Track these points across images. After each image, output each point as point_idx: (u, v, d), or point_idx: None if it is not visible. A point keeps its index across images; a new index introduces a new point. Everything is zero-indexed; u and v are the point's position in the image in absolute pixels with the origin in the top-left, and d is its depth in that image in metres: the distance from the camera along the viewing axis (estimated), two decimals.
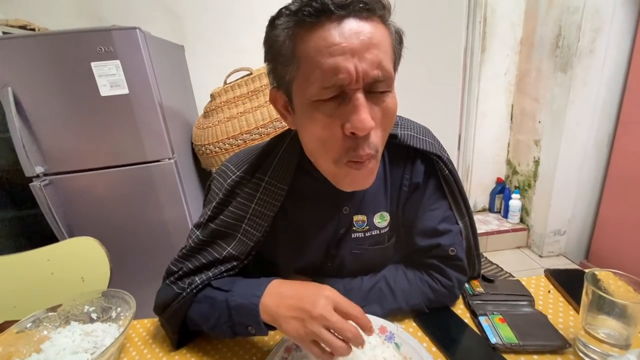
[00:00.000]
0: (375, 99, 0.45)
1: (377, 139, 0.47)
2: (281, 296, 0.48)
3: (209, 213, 0.58)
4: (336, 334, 0.43)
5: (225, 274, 0.56)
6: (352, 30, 0.41)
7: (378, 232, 0.62)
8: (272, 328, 0.49)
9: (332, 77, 0.41)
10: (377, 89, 0.44)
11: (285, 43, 0.44)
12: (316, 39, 0.41)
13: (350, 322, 0.43)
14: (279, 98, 0.51)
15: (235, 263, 0.57)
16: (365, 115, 0.42)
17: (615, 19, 1.70)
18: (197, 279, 0.55)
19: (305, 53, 0.42)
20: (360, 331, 0.43)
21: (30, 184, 1.28)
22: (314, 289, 0.46)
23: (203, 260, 0.56)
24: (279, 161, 0.57)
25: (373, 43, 0.41)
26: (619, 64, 1.77)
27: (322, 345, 0.43)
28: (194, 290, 0.54)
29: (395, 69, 0.48)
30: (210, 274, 0.55)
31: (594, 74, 1.78)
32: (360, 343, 0.42)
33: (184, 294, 0.54)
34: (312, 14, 0.41)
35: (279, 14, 0.45)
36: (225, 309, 0.51)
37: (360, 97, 0.42)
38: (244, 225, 0.56)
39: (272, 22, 0.46)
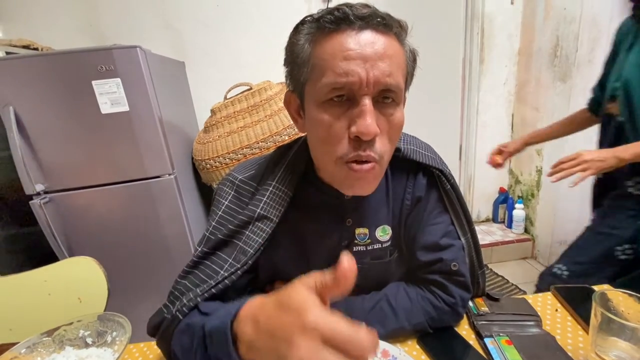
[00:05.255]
0: (383, 109, 0.47)
1: (382, 147, 0.48)
2: (256, 324, 0.33)
3: (213, 224, 0.58)
4: None
5: (214, 289, 0.51)
6: (368, 40, 0.44)
7: (380, 245, 0.62)
8: None
9: (343, 79, 0.43)
10: (386, 99, 0.46)
11: (304, 47, 0.47)
12: (333, 44, 0.44)
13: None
14: (292, 101, 0.54)
15: (231, 270, 0.52)
16: (371, 121, 0.44)
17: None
18: (184, 299, 0.50)
19: (321, 55, 0.45)
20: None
21: (31, 202, 1.27)
22: (291, 318, 0.28)
23: (201, 275, 0.54)
24: (286, 168, 0.58)
25: (386, 54, 0.44)
26: None
27: None
28: (178, 315, 0.49)
29: (406, 86, 0.50)
30: (199, 291, 0.50)
31: (594, 83, 1.78)
32: None
33: (169, 317, 0.49)
34: (333, 22, 0.44)
35: (303, 21, 0.48)
36: (202, 339, 0.43)
37: (367, 102, 0.44)
38: (247, 232, 0.55)
39: (296, 28, 0.49)
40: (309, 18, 0.47)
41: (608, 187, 1.08)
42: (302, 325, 0.27)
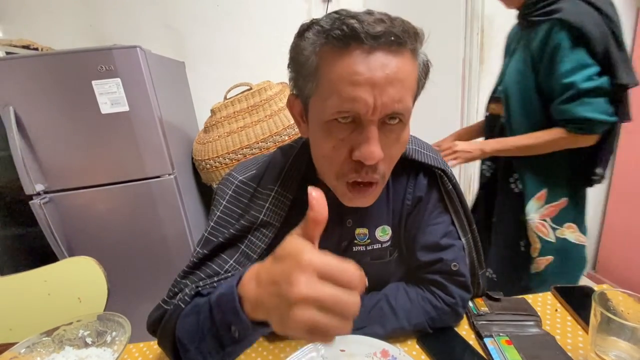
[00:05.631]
0: (388, 131, 0.45)
1: (384, 167, 0.48)
2: (258, 280, 0.35)
3: (211, 224, 0.58)
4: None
5: (215, 284, 0.51)
6: (378, 63, 0.40)
7: (380, 245, 0.62)
8: (264, 327, 0.37)
9: (349, 105, 0.42)
10: (392, 121, 0.45)
11: (309, 58, 0.44)
12: (341, 65, 0.41)
13: (344, 269, 0.30)
14: (296, 105, 0.53)
15: (233, 273, 0.53)
16: (375, 148, 0.43)
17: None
18: (187, 290, 0.50)
19: (328, 75, 0.43)
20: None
21: (30, 202, 1.27)
22: (288, 263, 0.31)
23: (202, 275, 0.53)
24: (287, 171, 0.57)
25: (397, 78, 0.41)
26: None
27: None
28: (181, 304, 0.48)
29: (415, 100, 0.48)
30: (201, 284, 0.51)
31: None
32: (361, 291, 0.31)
33: (171, 308, 0.49)
34: (341, 39, 0.40)
35: (310, 26, 0.45)
36: (208, 311, 0.42)
37: (373, 129, 0.43)
38: (249, 236, 0.55)
39: (302, 33, 0.46)
40: (316, 26, 0.43)
41: (494, 187, 1.14)
42: (297, 265, 0.30)
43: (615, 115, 0.85)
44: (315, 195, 0.31)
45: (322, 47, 0.43)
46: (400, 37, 0.40)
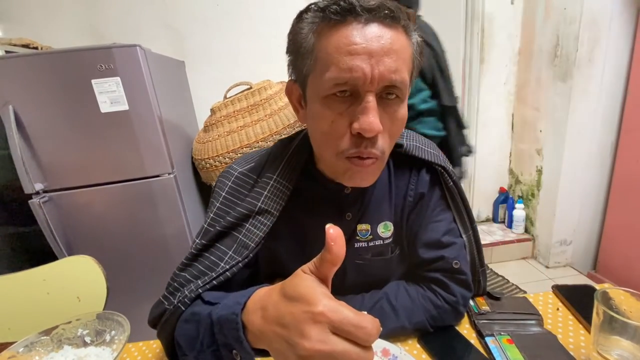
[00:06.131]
0: (386, 106, 0.46)
1: (383, 143, 0.48)
2: (264, 313, 0.34)
3: (211, 215, 0.58)
4: None
5: (215, 281, 0.50)
6: (374, 33, 0.42)
7: (382, 242, 0.61)
8: (264, 353, 0.37)
9: (347, 75, 0.42)
10: (390, 95, 0.45)
11: (307, 36, 0.45)
12: (337, 37, 0.43)
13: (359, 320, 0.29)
14: (294, 91, 0.53)
15: (232, 263, 0.52)
16: (373, 118, 0.43)
17: (612, 28, 1.71)
18: (186, 290, 0.50)
19: (325, 48, 0.44)
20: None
21: (30, 201, 1.27)
22: (301, 307, 0.30)
23: (200, 267, 0.53)
24: (287, 162, 0.57)
25: (393, 49, 0.42)
26: (619, 73, 1.77)
27: None
28: (181, 306, 0.48)
29: (411, 79, 0.49)
30: (200, 282, 0.50)
31: (594, 83, 1.78)
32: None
33: (171, 308, 0.49)
34: (338, 12, 0.42)
35: (308, 8, 0.46)
36: (209, 327, 0.42)
37: (371, 99, 0.43)
38: (247, 225, 0.54)
39: (300, 16, 0.47)
40: (313, 6, 0.45)
41: None
42: (311, 316, 0.29)
43: (444, 130, 1.03)
44: (333, 233, 0.30)
45: (319, 24, 0.44)
46: (394, 11, 0.42)
